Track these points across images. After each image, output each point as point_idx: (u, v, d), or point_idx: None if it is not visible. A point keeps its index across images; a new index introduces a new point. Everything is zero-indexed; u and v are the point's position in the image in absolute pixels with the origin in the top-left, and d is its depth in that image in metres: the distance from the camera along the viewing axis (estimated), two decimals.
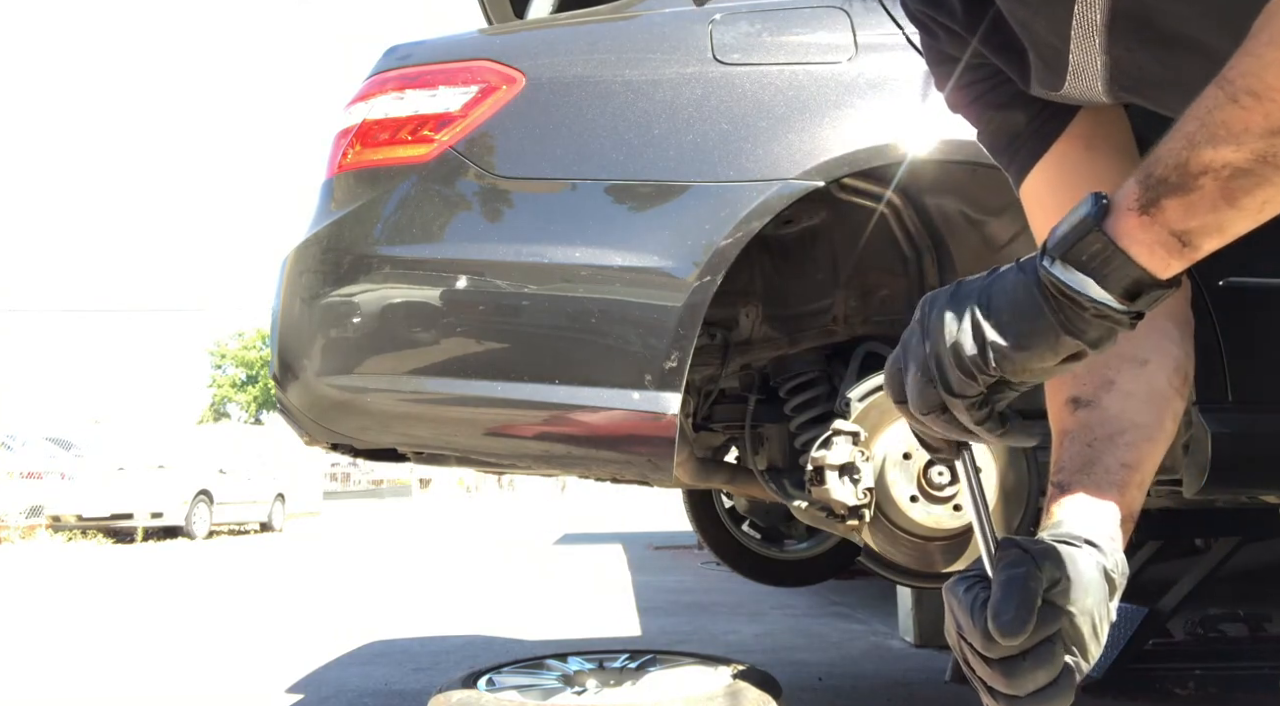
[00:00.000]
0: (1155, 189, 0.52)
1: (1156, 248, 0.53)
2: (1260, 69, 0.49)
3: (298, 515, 16.47)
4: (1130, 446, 0.70)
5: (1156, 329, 0.73)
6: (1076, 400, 0.72)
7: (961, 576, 0.64)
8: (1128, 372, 0.72)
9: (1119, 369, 0.72)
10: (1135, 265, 0.53)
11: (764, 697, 2.06)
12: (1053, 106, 0.76)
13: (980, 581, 0.62)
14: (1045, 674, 0.58)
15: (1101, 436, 0.70)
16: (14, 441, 14.05)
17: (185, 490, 12.22)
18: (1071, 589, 0.59)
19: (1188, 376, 0.74)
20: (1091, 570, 0.60)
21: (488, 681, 2.27)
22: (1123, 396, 0.71)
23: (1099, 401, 0.71)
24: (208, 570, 8.00)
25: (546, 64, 1.70)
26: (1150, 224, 0.53)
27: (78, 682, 3.31)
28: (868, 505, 1.59)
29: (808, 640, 3.87)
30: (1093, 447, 0.70)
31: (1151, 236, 0.53)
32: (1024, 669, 0.58)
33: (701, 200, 1.58)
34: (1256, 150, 0.49)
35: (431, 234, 1.65)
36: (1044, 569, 0.59)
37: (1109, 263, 0.54)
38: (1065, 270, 0.54)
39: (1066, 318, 0.55)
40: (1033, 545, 0.61)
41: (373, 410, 1.66)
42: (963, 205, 1.74)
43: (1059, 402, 0.74)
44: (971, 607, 0.61)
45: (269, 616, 4.95)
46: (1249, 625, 2.84)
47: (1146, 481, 0.70)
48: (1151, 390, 0.72)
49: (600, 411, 1.55)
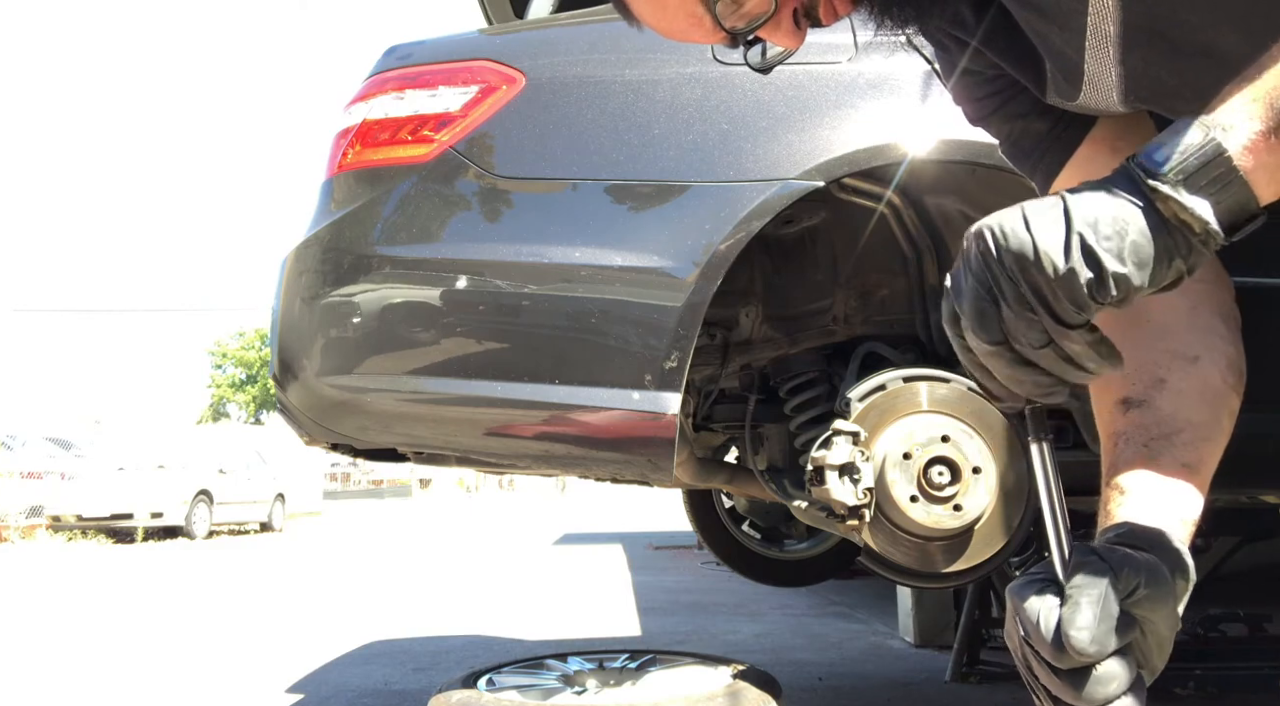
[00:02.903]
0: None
1: (1277, 172, 0.52)
2: None
3: (298, 515, 16.47)
4: (1188, 446, 0.67)
5: (1203, 325, 0.71)
6: (1128, 401, 0.70)
7: (1029, 578, 0.61)
8: (1179, 370, 0.70)
9: (1169, 367, 0.70)
10: (1248, 191, 0.52)
11: (764, 697, 2.06)
12: (1072, 113, 0.75)
13: (1050, 585, 0.59)
14: (1117, 685, 0.56)
15: (1158, 436, 0.68)
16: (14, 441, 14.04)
17: (185, 490, 12.22)
18: (1147, 599, 0.56)
19: (1241, 372, 0.71)
20: (1164, 579, 0.58)
21: (488, 681, 2.27)
22: (1175, 394, 0.69)
23: (1152, 401, 0.69)
24: (208, 570, 8.00)
25: (546, 64, 1.70)
26: (1278, 146, 0.51)
27: (78, 683, 3.31)
28: (868, 505, 1.59)
29: (808, 640, 3.87)
30: (1149, 448, 0.68)
31: (1276, 160, 0.52)
32: (1096, 679, 0.56)
33: (701, 200, 1.58)
34: None
35: (431, 234, 1.65)
36: (1122, 578, 0.56)
37: (1228, 187, 0.52)
38: (1186, 194, 0.52)
39: (1178, 242, 0.53)
40: (1110, 553, 0.58)
41: (373, 410, 1.66)
42: (963, 205, 1.74)
43: (1109, 404, 0.72)
44: (1042, 615, 0.57)
45: (269, 616, 4.95)
46: (1249, 625, 2.84)
47: (1206, 484, 0.68)
48: (1205, 387, 0.69)
49: (600, 411, 1.55)
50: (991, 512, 1.58)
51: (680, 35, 0.71)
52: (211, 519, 12.67)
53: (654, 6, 0.69)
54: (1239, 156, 0.52)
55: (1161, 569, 0.58)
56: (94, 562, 8.87)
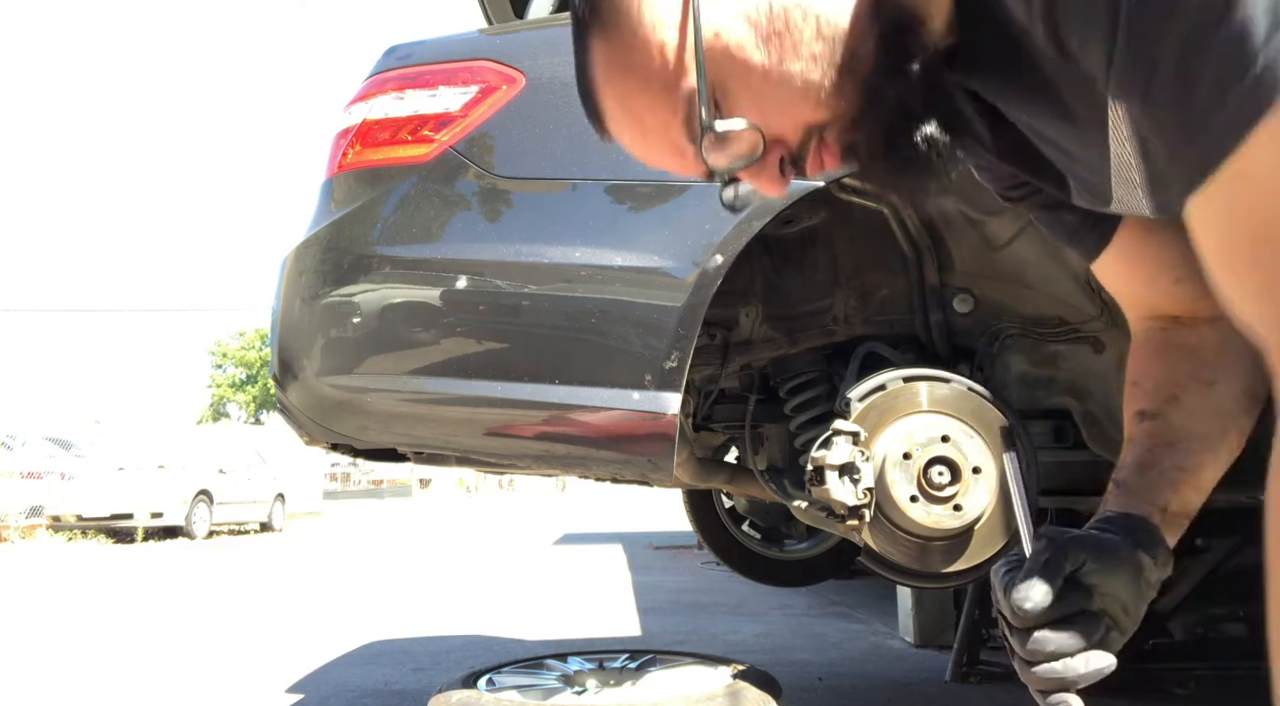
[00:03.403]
0: None
1: None
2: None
3: (298, 515, 16.47)
4: (1188, 452, 0.74)
5: (1230, 351, 0.75)
6: (1143, 412, 0.77)
7: (1005, 560, 0.73)
8: (1194, 391, 0.76)
9: (1186, 387, 0.76)
10: None
11: (764, 697, 2.06)
12: None
13: (1020, 565, 0.70)
14: (1054, 647, 0.66)
15: (1161, 443, 0.75)
16: (14, 441, 14.03)
17: (185, 490, 12.22)
18: (1096, 572, 0.67)
19: (1257, 398, 0.75)
20: (1115, 554, 0.67)
21: (488, 681, 2.27)
22: (1186, 412, 0.75)
23: (1164, 414, 0.76)
24: (208, 570, 8.00)
25: (546, 64, 1.69)
26: None
27: (78, 683, 3.31)
28: (868, 505, 1.58)
29: (808, 640, 3.87)
30: (1152, 452, 0.75)
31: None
32: (1035, 640, 0.67)
33: (701, 200, 1.58)
34: None
35: (431, 234, 1.65)
36: (1069, 556, 0.67)
37: None
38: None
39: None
40: (1059, 535, 0.69)
41: (373, 410, 1.66)
42: (963, 205, 1.74)
43: (1130, 414, 0.79)
44: (1005, 585, 0.69)
45: (269, 616, 4.95)
46: (1249, 625, 2.83)
47: (1203, 486, 0.75)
48: (1216, 406, 0.75)
49: (600, 411, 1.55)
50: (991, 512, 1.58)
51: (656, 163, 0.68)
52: (211, 519, 12.66)
53: (634, 131, 0.66)
54: None
55: (1115, 545, 0.68)
56: (94, 562, 8.87)
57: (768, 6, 0.58)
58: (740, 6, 0.59)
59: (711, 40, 0.59)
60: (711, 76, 0.60)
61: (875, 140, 0.61)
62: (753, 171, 0.65)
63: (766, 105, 0.61)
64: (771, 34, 0.58)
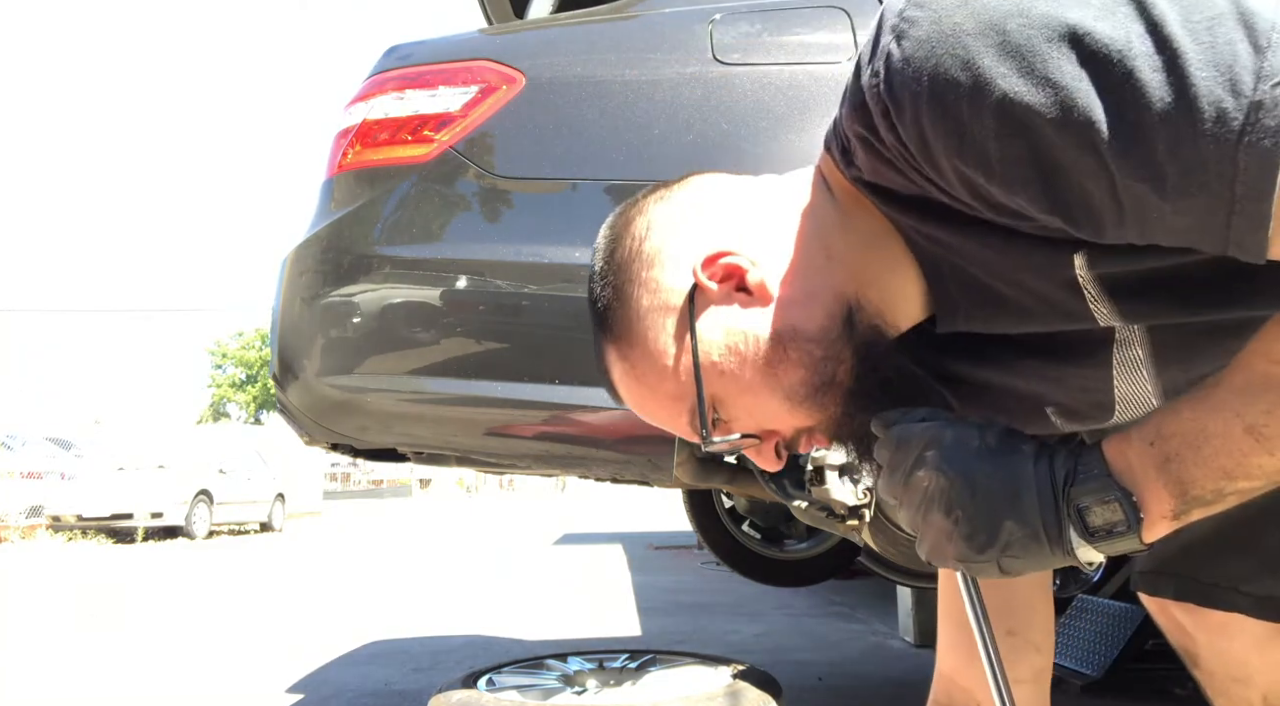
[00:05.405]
0: (1190, 505, 0.57)
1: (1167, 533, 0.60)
2: None
3: (298, 515, 16.46)
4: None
5: None
6: None
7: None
8: None
9: None
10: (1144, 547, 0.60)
11: (764, 697, 2.05)
12: None
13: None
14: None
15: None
16: (14, 441, 14.02)
17: (185, 490, 12.21)
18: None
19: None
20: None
21: (488, 681, 2.27)
22: None
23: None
24: (208, 570, 8.00)
25: (546, 64, 1.70)
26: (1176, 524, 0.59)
27: (79, 683, 3.31)
28: (867, 505, 1.58)
29: (808, 640, 3.87)
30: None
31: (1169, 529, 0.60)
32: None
33: None
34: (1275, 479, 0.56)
35: (431, 234, 1.65)
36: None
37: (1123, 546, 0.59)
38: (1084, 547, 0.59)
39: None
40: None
41: (373, 410, 1.66)
42: None
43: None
44: None
45: (269, 616, 4.95)
46: None
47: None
48: None
49: (600, 411, 1.55)
50: None
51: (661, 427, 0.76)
52: (211, 519, 12.65)
53: (646, 415, 0.75)
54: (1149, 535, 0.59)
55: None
56: (94, 562, 8.87)
57: (755, 338, 0.68)
58: (731, 339, 0.68)
59: (708, 366, 0.68)
60: (710, 391, 0.69)
61: (861, 432, 0.70)
62: (751, 452, 0.74)
63: (759, 415, 0.70)
64: (758, 360, 0.68)
